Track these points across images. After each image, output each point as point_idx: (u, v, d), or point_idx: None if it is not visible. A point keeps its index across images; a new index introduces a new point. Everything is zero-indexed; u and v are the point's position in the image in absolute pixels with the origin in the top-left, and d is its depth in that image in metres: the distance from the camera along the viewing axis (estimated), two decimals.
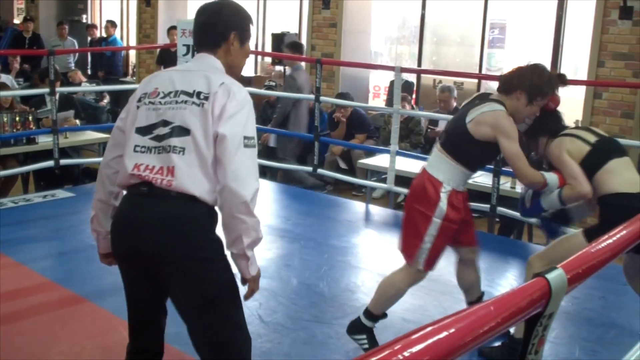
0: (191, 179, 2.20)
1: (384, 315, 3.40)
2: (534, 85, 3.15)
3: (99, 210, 2.48)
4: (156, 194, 2.22)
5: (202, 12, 2.46)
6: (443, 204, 3.16)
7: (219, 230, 2.28)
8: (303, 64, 7.72)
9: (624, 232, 1.53)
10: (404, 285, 3.32)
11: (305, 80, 7.36)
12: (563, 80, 3.34)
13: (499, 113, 3.10)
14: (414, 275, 3.30)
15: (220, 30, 2.41)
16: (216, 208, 2.27)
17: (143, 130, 2.30)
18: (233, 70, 2.46)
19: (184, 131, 2.23)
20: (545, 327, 1.23)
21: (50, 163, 5.98)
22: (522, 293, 1.12)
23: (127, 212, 2.31)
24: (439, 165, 3.22)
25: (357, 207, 6.25)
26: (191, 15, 10.55)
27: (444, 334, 0.90)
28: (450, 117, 6.35)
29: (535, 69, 3.24)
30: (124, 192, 2.39)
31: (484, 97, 3.28)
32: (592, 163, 3.15)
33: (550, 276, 1.18)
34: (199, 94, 2.27)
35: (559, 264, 2.83)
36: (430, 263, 3.26)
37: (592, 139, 3.21)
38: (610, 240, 1.45)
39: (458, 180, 3.21)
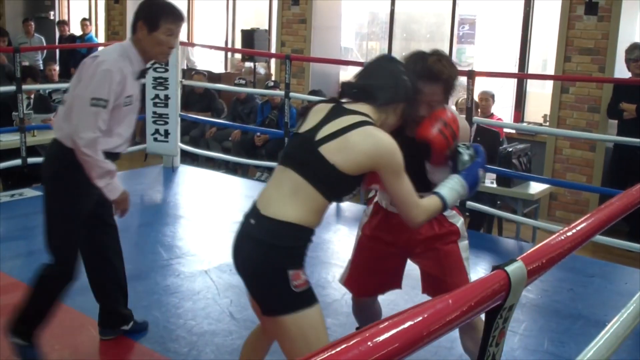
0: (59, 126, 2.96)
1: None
2: None
3: None
4: None
5: None
6: (366, 213, 2.89)
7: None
8: None
9: (584, 224, 1.55)
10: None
11: None
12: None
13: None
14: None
15: (134, 20, 2.96)
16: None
17: None
18: (146, 55, 2.98)
19: None
20: (506, 319, 1.24)
21: (17, 162, 5.88)
22: (481, 286, 1.13)
23: None
24: None
25: None
26: None
27: (401, 327, 0.91)
28: None
29: None
30: None
31: None
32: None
33: (510, 269, 1.20)
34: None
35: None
36: (348, 279, 2.91)
37: (307, 126, 2.26)
38: (569, 233, 1.47)
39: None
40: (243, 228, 2.29)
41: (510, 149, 5.64)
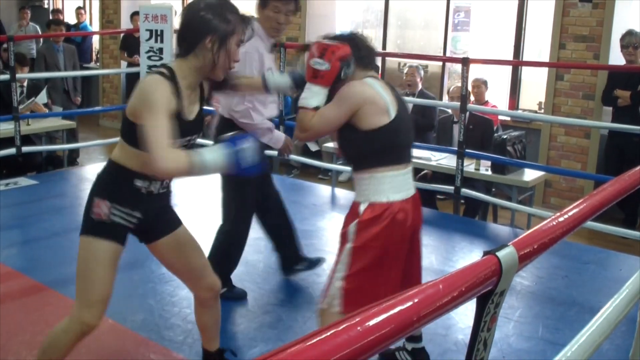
0: None
1: None
2: None
3: None
4: None
5: None
6: None
7: None
8: None
9: (576, 210, 1.55)
10: None
11: None
12: None
13: None
14: None
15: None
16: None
17: None
18: (266, 30, 3.55)
19: None
20: (497, 304, 1.24)
21: (12, 150, 5.87)
22: (472, 271, 1.13)
23: None
24: None
25: (323, 190, 6.26)
26: (153, 0, 10.44)
27: (390, 312, 0.91)
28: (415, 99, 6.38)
29: None
30: None
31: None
32: None
33: (501, 254, 1.19)
34: None
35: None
36: None
37: None
38: (561, 218, 1.47)
39: None
40: None
41: (505, 136, 5.65)
